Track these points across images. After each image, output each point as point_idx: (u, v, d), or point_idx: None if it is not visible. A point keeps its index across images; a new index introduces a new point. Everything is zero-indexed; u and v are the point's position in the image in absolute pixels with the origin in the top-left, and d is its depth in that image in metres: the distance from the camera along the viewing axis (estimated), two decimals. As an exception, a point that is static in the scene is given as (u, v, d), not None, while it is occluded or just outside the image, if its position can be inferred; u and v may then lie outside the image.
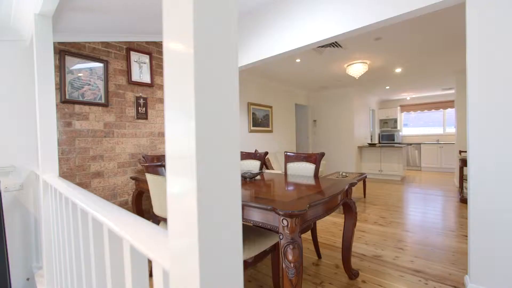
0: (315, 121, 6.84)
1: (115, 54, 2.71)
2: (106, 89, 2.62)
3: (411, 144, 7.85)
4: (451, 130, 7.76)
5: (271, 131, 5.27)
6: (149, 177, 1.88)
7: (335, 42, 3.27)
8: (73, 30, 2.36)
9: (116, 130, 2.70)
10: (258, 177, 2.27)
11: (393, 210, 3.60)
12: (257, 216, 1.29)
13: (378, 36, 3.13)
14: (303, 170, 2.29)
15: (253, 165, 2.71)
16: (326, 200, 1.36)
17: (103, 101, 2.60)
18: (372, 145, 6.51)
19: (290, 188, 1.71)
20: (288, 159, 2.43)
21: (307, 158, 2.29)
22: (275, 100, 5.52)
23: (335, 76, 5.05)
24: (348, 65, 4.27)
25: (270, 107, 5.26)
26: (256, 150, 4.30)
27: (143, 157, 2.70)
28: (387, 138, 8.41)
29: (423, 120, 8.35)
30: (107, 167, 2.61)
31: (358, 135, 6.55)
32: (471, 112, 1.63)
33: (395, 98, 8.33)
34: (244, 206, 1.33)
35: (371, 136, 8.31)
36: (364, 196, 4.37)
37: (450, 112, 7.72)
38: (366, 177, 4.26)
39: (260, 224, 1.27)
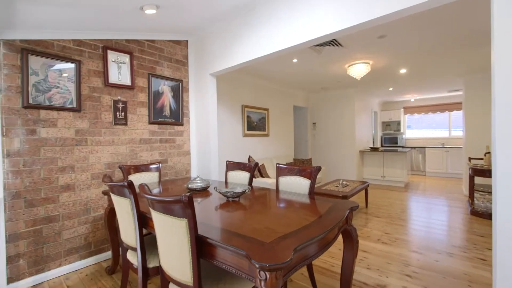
0: (314, 123, 6.55)
1: (89, 53, 2.44)
2: (78, 92, 2.35)
3: (415, 147, 7.54)
4: (457, 133, 7.44)
5: (267, 135, 4.99)
6: (114, 198, 1.61)
7: (335, 40, 2.98)
8: (36, 26, 2.08)
9: (90, 138, 2.42)
10: (247, 192, 1.99)
11: (398, 224, 3.30)
12: (230, 258, 1.01)
13: (382, 33, 2.84)
14: (296, 186, 2.00)
15: (241, 178, 2.42)
16: (320, 237, 1.07)
17: (74, 105, 2.33)
18: (374, 149, 6.21)
19: (279, 212, 1.43)
20: (280, 172, 2.15)
21: (302, 172, 2.00)
22: (272, 102, 5.23)
23: (336, 76, 4.76)
24: (349, 66, 3.98)
25: (267, 109, 4.98)
26: (250, 157, 4.01)
27: (120, 167, 2.42)
28: (390, 141, 8.10)
29: (427, 122, 8.03)
30: (78, 179, 2.34)
31: (359, 138, 6.25)
32: (497, 116, 1.34)
33: (399, 99, 8.02)
34: (213, 245, 1.05)
35: (373, 139, 8.00)
36: (366, 206, 4.08)
37: (456, 114, 7.40)
38: (368, 185, 3.97)
39: (234, 271, 0.99)
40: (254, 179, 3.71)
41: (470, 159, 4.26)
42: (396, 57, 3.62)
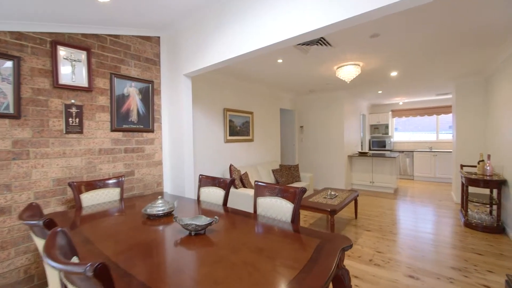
0: (302, 127, 6.30)
1: (33, 48, 2.03)
2: (17, 95, 1.94)
3: (403, 151, 7.44)
4: (444, 136, 7.41)
5: (251, 140, 4.67)
6: (36, 241, 1.24)
7: (323, 39, 2.71)
8: (-46, 12, 1.67)
9: (33, 150, 2.02)
10: (214, 222, 1.66)
11: (390, 239, 3.07)
12: None
13: (375, 32, 2.58)
14: (278, 210, 1.69)
15: (216, 196, 2.09)
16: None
17: (11, 111, 1.92)
18: (363, 153, 6.03)
19: (249, 260, 1.11)
20: (259, 191, 1.83)
21: (284, 192, 1.69)
22: (257, 105, 4.92)
23: (324, 78, 4.51)
24: (338, 67, 3.73)
25: (251, 113, 4.66)
26: (231, 166, 3.68)
27: (70, 185, 2.04)
28: (378, 144, 7.98)
29: (414, 124, 7.97)
30: (16, 200, 1.93)
31: (348, 142, 6.05)
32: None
33: (387, 102, 7.91)
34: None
35: (362, 143, 7.86)
36: (356, 217, 3.84)
37: (443, 118, 7.37)
38: (357, 195, 3.73)
39: None
40: (235, 190, 3.38)
41: (462, 166, 4.11)
42: (388, 58, 3.40)
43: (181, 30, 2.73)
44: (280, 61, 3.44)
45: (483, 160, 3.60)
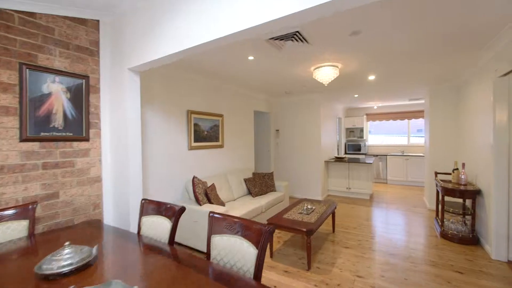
0: (278, 130, 5.94)
1: None
2: None
3: (377, 155, 7.44)
4: (415, 140, 7.53)
5: (221, 146, 4.19)
6: None
7: (298, 33, 2.32)
8: None
9: None
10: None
11: (370, 257, 2.79)
12: None
13: (356, 29, 2.25)
14: (237, 256, 1.25)
15: (161, 229, 1.59)
16: None
17: None
18: (339, 159, 5.83)
19: None
20: (214, 226, 1.37)
21: (246, 230, 1.26)
22: (228, 106, 4.45)
23: (301, 80, 4.17)
24: (315, 68, 3.39)
25: (221, 115, 4.18)
26: (194, 178, 3.17)
27: None
28: (353, 148, 7.92)
29: (387, 128, 8.04)
30: None
31: (325, 146, 5.82)
32: None
33: (362, 106, 7.88)
34: None
35: (338, 146, 7.74)
36: (333, 231, 3.54)
37: (414, 122, 7.49)
38: (335, 207, 3.43)
39: None
40: (198, 207, 2.88)
41: (436, 174, 4.01)
42: (367, 60, 3.13)
43: (126, 13, 2.18)
44: (251, 58, 3.00)
45: (457, 169, 3.49)
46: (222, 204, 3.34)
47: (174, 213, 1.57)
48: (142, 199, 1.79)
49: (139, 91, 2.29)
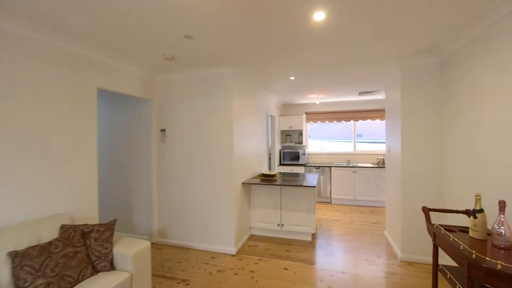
0: (163, 131, 3.41)
1: None
2: None
3: (319, 166, 5.67)
4: (363, 147, 6.09)
5: None
6: None
7: None
8: None
9: None
10: None
11: None
12: None
13: None
14: None
15: None
16: None
17: None
18: (268, 178, 3.68)
19: None
20: None
21: None
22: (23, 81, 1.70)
23: (184, 21, 1.78)
24: None
25: None
26: None
27: None
28: (290, 157, 6.00)
29: (327, 131, 6.44)
30: None
31: (245, 157, 3.59)
32: None
33: (302, 102, 6.06)
34: None
35: (270, 156, 5.69)
36: None
37: (362, 124, 6.05)
38: None
39: None
40: None
41: (428, 211, 2.13)
42: None
43: None
44: None
45: (482, 211, 1.63)
46: None
47: None
48: None
49: None
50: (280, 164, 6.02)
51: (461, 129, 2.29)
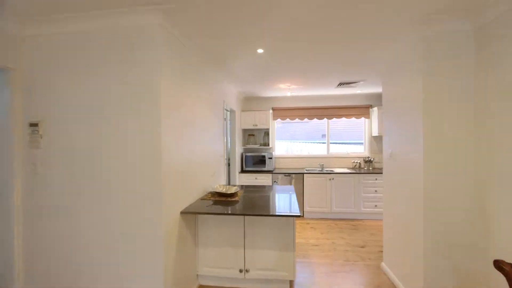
0: (35, 125, 1.91)
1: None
2: None
3: (289, 174, 4.66)
4: (336, 149, 5.29)
5: None
6: None
7: None
8: None
9: None
10: None
11: None
12: None
13: None
14: None
15: None
16: None
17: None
18: (224, 199, 2.45)
19: None
20: None
21: None
22: None
23: None
24: None
25: None
26: None
27: None
28: (254, 161, 4.86)
29: (293, 130, 5.50)
30: None
31: (190, 169, 2.32)
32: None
33: (269, 95, 4.98)
34: None
35: (229, 162, 4.49)
36: None
37: (336, 123, 5.24)
38: None
39: None
40: None
41: (503, 265, 1.17)
42: None
43: None
44: None
45: None
46: None
47: None
48: None
49: None
50: (242, 171, 4.83)
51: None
